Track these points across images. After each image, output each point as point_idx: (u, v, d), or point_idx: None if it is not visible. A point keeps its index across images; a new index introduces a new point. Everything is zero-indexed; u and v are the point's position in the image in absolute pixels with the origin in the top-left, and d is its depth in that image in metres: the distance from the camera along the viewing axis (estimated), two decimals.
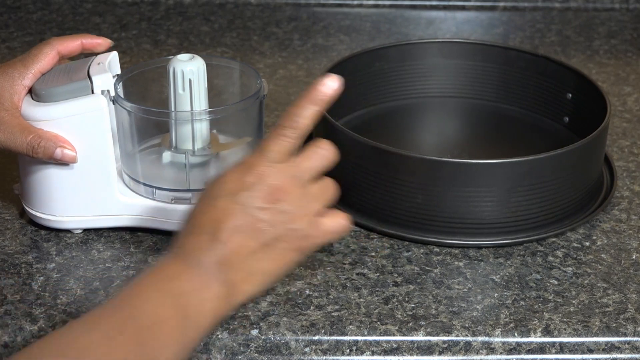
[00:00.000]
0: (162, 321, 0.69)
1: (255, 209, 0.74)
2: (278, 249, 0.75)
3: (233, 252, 0.73)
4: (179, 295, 0.71)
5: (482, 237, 0.94)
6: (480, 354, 0.83)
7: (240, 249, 0.74)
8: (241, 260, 0.74)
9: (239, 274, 0.74)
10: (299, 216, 0.76)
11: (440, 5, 1.49)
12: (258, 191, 0.74)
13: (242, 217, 0.74)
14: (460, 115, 1.17)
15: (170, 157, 0.94)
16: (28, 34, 1.37)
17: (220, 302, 0.73)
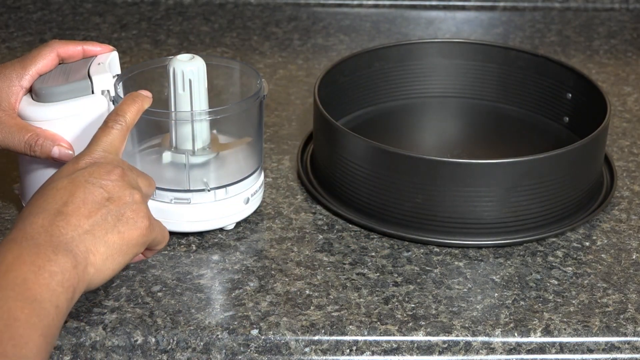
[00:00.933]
0: (13, 316, 0.68)
1: (91, 184, 0.76)
2: (118, 220, 0.77)
3: (75, 222, 0.74)
4: (21, 283, 0.70)
5: (482, 237, 0.94)
6: (480, 354, 0.83)
7: (82, 220, 0.75)
8: (83, 230, 0.74)
9: (81, 244, 0.74)
10: (129, 191, 0.78)
11: (440, 5, 1.49)
12: (94, 167, 0.78)
13: (80, 191, 0.76)
14: (460, 115, 1.18)
15: (170, 157, 0.94)
16: (28, 34, 1.38)
17: (70, 272, 0.72)
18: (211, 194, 0.93)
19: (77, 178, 0.77)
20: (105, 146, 0.81)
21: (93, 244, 0.75)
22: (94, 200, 0.76)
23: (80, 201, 0.76)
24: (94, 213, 0.76)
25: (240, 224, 0.96)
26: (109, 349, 0.82)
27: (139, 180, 0.81)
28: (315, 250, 0.93)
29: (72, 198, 0.76)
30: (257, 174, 0.96)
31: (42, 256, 0.72)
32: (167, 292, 0.87)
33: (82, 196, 0.76)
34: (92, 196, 0.76)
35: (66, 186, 0.76)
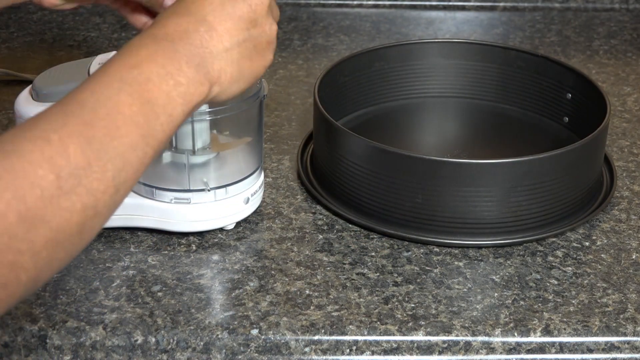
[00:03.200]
0: (118, 109, 0.66)
1: (247, 1, 0.76)
2: (257, 48, 0.76)
3: (217, 37, 0.73)
4: (144, 81, 0.68)
5: (482, 237, 0.94)
6: (480, 354, 0.83)
7: (225, 36, 0.74)
8: (223, 48, 0.73)
9: (216, 62, 0.73)
10: (270, 21, 0.78)
11: (440, 5, 1.49)
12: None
13: (229, 3, 0.75)
14: (460, 115, 1.18)
15: (170, 157, 0.94)
16: (28, 34, 1.38)
17: (194, 87, 0.71)
18: (211, 193, 0.93)
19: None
20: None
21: (228, 65, 0.74)
22: (240, 17, 0.75)
23: (227, 14, 0.74)
24: (237, 32, 0.74)
25: (240, 224, 0.97)
26: (109, 349, 0.82)
27: (275, 8, 0.80)
28: (315, 250, 0.93)
29: (221, 8, 0.74)
30: (257, 174, 0.96)
31: (175, 63, 0.70)
32: (167, 292, 0.87)
33: (231, 10, 0.74)
34: (240, 12, 0.75)
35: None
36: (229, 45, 0.74)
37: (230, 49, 0.74)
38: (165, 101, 0.69)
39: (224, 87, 0.75)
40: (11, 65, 1.27)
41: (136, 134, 0.66)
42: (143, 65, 0.69)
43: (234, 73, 0.75)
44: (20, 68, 1.27)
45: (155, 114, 0.68)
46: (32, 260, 0.61)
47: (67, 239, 0.63)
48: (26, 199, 0.60)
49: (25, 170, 0.61)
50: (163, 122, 0.69)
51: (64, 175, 0.62)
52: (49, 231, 0.61)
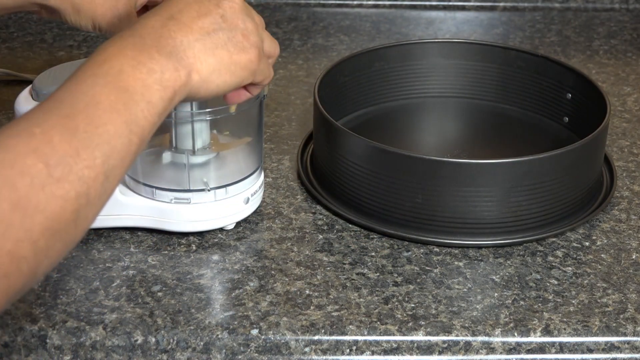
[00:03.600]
0: (96, 100, 0.67)
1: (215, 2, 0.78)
2: (229, 40, 0.77)
3: (186, 29, 0.75)
4: (115, 73, 0.69)
5: (482, 237, 0.94)
6: (480, 354, 0.83)
7: (194, 28, 0.75)
8: (193, 38, 0.75)
9: (189, 50, 0.74)
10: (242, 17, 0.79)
11: (440, 5, 1.49)
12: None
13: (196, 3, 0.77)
14: (460, 115, 1.18)
15: (170, 157, 0.94)
16: (28, 34, 1.38)
17: (170, 73, 0.72)
18: (211, 193, 0.93)
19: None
20: None
21: (202, 52, 0.75)
22: (208, 13, 0.77)
23: (194, 12, 0.76)
24: (207, 26, 0.76)
25: (240, 224, 0.97)
26: (109, 349, 0.82)
27: (253, 14, 0.82)
28: (315, 250, 0.93)
29: (188, 8, 0.76)
30: (257, 174, 0.96)
31: (145, 54, 0.71)
32: (167, 292, 0.87)
33: (197, 8, 0.76)
34: (206, 9, 0.77)
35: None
36: (199, 35, 0.76)
37: (201, 39, 0.76)
38: (141, 88, 0.70)
39: (204, 74, 0.76)
40: (11, 65, 1.27)
41: (119, 121, 0.68)
42: (113, 59, 0.70)
43: (211, 60, 0.76)
44: (20, 68, 1.27)
45: (134, 101, 0.69)
46: (31, 249, 0.62)
47: (63, 227, 0.64)
48: (17, 186, 0.61)
49: (12, 161, 0.62)
50: (143, 108, 0.70)
51: (52, 163, 0.63)
52: (44, 219, 0.63)
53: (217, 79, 0.77)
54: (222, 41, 0.77)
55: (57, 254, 0.65)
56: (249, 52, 0.79)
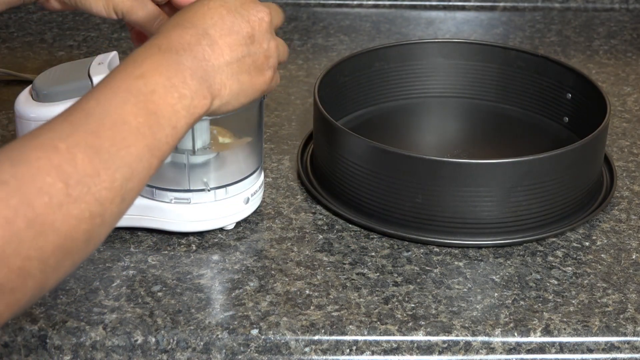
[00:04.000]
0: (123, 119, 0.67)
1: (240, 15, 0.77)
2: (256, 65, 0.78)
3: (219, 51, 0.75)
4: (149, 92, 0.69)
5: (482, 237, 0.94)
6: (480, 354, 0.83)
7: (226, 50, 0.75)
8: (224, 62, 0.75)
9: (218, 76, 0.74)
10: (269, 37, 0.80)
11: (440, 5, 1.49)
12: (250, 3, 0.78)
13: (229, 18, 0.76)
14: (460, 115, 1.18)
15: (170, 157, 0.94)
16: (28, 34, 1.38)
17: (197, 100, 0.72)
18: (211, 193, 0.93)
19: (228, 3, 0.77)
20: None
21: (229, 78, 0.75)
22: (240, 31, 0.76)
23: (227, 28, 0.76)
24: (237, 47, 0.76)
25: (240, 224, 0.97)
26: (109, 349, 0.82)
27: (275, 21, 0.82)
28: (315, 250, 0.93)
29: (222, 22, 0.76)
30: (257, 174, 0.96)
31: (179, 75, 0.71)
32: (167, 292, 0.87)
33: (230, 24, 0.76)
34: (238, 27, 0.77)
35: (217, 8, 0.76)
36: (230, 59, 0.76)
37: (231, 63, 0.76)
38: (170, 113, 0.70)
39: (225, 100, 0.76)
40: (11, 65, 1.27)
41: (142, 145, 0.67)
42: (148, 76, 0.70)
43: (234, 87, 0.77)
44: (20, 68, 1.27)
45: (161, 126, 0.69)
46: (39, 267, 0.61)
47: (75, 246, 0.63)
48: (34, 205, 0.61)
49: (33, 177, 0.61)
50: (168, 134, 0.70)
51: (72, 183, 0.62)
52: (57, 238, 0.62)
53: (234, 102, 0.78)
54: (247, 66, 0.77)
55: (65, 271, 0.64)
56: (265, 75, 0.80)
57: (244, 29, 0.77)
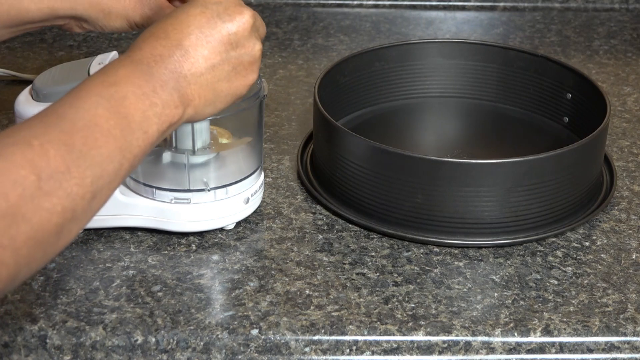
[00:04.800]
0: (95, 122, 0.68)
1: (221, 21, 0.77)
2: (235, 70, 0.78)
3: (192, 62, 0.75)
4: (121, 98, 0.70)
5: (482, 237, 0.94)
6: (480, 354, 0.83)
7: (199, 61, 0.75)
8: (197, 72, 0.75)
9: (190, 86, 0.75)
10: (253, 41, 0.79)
11: (440, 5, 1.49)
12: (228, 3, 0.78)
13: (207, 27, 0.76)
14: (460, 115, 1.18)
15: (170, 157, 0.94)
16: (28, 34, 1.37)
17: (169, 109, 0.73)
18: (211, 193, 0.93)
19: (209, 10, 0.77)
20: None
21: (203, 88, 0.76)
22: (219, 40, 0.76)
23: (204, 38, 0.75)
24: (213, 56, 0.76)
25: (240, 224, 0.97)
26: (109, 349, 0.82)
27: (259, 25, 0.81)
28: (315, 250, 0.93)
29: (198, 32, 0.75)
30: (257, 174, 0.96)
31: (150, 85, 0.72)
32: (167, 292, 0.87)
33: (209, 33, 0.76)
34: (218, 35, 0.76)
35: (196, 16, 0.76)
36: (204, 69, 0.76)
37: (204, 74, 0.76)
38: (141, 118, 0.71)
39: (199, 109, 0.77)
40: (11, 65, 1.28)
41: (113, 146, 0.69)
42: (120, 84, 0.71)
43: (209, 96, 0.77)
44: (20, 68, 1.27)
45: (131, 129, 0.70)
46: (12, 256, 0.63)
47: (46, 239, 0.65)
48: (8, 196, 0.63)
49: (8, 169, 0.63)
50: (139, 137, 0.71)
51: (44, 177, 0.65)
52: (29, 229, 0.64)
53: (210, 110, 0.78)
54: (225, 73, 0.77)
55: (37, 263, 0.66)
56: (248, 78, 0.80)
57: (224, 37, 0.77)
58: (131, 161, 0.71)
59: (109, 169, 0.69)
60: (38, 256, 0.66)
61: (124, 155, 0.70)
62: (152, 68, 0.73)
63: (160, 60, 0.74)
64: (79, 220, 0.68)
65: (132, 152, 0.70)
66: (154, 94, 0.72)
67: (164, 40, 0.75)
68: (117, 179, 0.70)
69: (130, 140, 0.70)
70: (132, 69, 0.72)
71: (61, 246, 0.67)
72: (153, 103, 0.72)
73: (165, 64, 0.74)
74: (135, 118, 0.71)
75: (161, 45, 0.74)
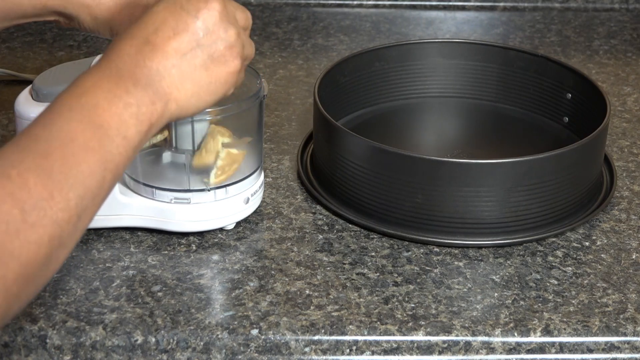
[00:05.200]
0: (70, 137, 0.67)
1: (186, 12, 0.74)
2: (211, 59, 0.75)
3: (162, 54, 0.73)
4: (91, 108, 0.68)
5: (482, 237, 0.94)
6: (480, 354, 0.83)
7: (170, 52, 0.73)
8: (170, 64, 0.73)
9: (165, 79, 0.73)
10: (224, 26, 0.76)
11: (440, 5, 1.49)
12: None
13: (172, 19, 0.74)
14: (460, 115, 1.18)
15: (170, 157, 0.94)
16: (28, 34, 1.38)
17: (147, 107, 0.71)
18: (211, 193, 0.93)
19: (173, 4, 0.75)
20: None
21: (179, 80, 0.73)
22: (186, 29, 0.74)
23: (171, 30, 0.73)
24: (184, 46, 0.74)
25: (240, 224, 0.97)
26: (109, 349, 0.82)
27: (237, 13, 0.79)
28: (315, 250, 0.93)
29: (163, 26, 0.73)
30: (257, 174, 0.96)
31: (121, 86, 0.70)
32: (167, 292, 0.87)
33: (174, 24, 0.74)
34: (184, 24, 0.74)
35: (160, 12, 0.74)
36: (176, 60, 0.74)
37: (178, 64, 0.74)
38: (117, 123, 0.69)
39: (181, 102, 0.75)
40: (11, 65, 1.28)
41: (93, 160, 0.67)
42: (90, 92, 0.69)
43: (189, 87, 0.75)
44: (20, 68, 1.27)
45: (109, 137, 0.69)
46: (3, 296, 0.61)
47: (36, 272, 0.64)
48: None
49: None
50: (119, 144, 0.69)
51: (27, 208, 0.63)
52: (18, 266, 0.62)
53: (196, 102, 0.76)
54: (201, 60, 0.75)
55: (28, 297, 0.65)
56: (230, 65, 0.77)
57: (190, 26, 0.75)
58: (114, 172, 0.69)
59: (92, 185, 0.67)
60: (29, 290, 0.64)
61: (106, 167, 0.68)
62: (121, 69, 0.71)
63: (129, 59, 0.72)
64: (67, 246, 0.66)
65: (113, 162, 0.69)
66: (126, 94, 0.70)
67: (130, 40, 0.73)
68: (102, 192, 0.68)
69: (110, 149, 0.68)
70: (100, 75, 0.71)
71: (50, 275, 0.66)
72: (127, 104, 0.70)
73: (134, 62, 0.72)
74: (111, 124, 0.69)
75: (128, 45, 0.73)
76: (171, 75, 0.73)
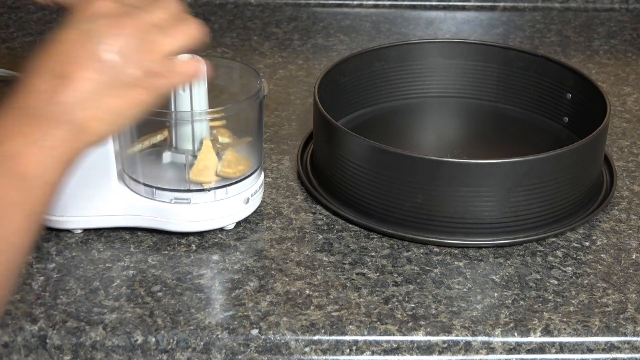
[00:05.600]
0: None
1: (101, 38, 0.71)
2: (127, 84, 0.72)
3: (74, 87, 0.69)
4: (10, 157, 0.66)
5: (482, 237, 0.94)
6: (480, 354, 0.83)
7: (82, 84, 0.70)
8: (87, 96, 0.70)
9: (86, 112, 0.70)
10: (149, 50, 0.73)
11: (440, 5, 1.49)
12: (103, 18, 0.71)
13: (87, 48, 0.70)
14: (460, 115, 1.18)
15: (170, 157, 0.94)
16: (28, 34, 1.38)
17: (67, 146, 0.69)
18: (211, 194, 0.93)
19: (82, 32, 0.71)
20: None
21: (95, 111, 0.70)
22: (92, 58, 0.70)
23: (78, 59, 0.70)
24: (97, 74, 0.70)
25: (240, 224, 0.97)
26: (109, 349, 0.82)
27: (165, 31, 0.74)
28: (315, 250, 0.93)
29: (70, 56, 0.70)
30: (257, 174, 0.96)
31: (41, 130, 0.68)
32: (167, 292, 0.87)
33: (82, 53, 0.70)
34: (90, 53, 0.70)
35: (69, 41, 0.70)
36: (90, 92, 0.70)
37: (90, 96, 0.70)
38: (40, 171, 0.68)
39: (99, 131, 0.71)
40: (11, 65, 1.27)
41: (19, 216, 0.66)
42: (9, 139, 0.67)
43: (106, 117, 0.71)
44: (20, 68, 1.27)
45: (33, 188, 0.67)
46: None
47: None
48: None
49: None
50: (43, 191, 0.68)
51: None
52: None
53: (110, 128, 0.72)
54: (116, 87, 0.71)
55: None
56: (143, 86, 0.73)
57: (97, 53, 0.70)
58: (38, 219, 0.67)
59: (17, 241, 0.66)
60: None
61: (31, 218, 0.67)
62: (35, 109, 0.68)
63: (41, 96, 0.69)
64: None
65: (37, 212, 0.67)
66: (44, 137, 0.68)
67: (39, 75, 0.70)
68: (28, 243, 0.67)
69: (34, 200, 0.67)
70: (18, 116, 0.68)
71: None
72: (49, 147, 0.68)
73: (47, 99, 0.69)
74: (33, 173, 0.67)
75: (42, 80, 0.69)
76: (87, 107, 0.70)
